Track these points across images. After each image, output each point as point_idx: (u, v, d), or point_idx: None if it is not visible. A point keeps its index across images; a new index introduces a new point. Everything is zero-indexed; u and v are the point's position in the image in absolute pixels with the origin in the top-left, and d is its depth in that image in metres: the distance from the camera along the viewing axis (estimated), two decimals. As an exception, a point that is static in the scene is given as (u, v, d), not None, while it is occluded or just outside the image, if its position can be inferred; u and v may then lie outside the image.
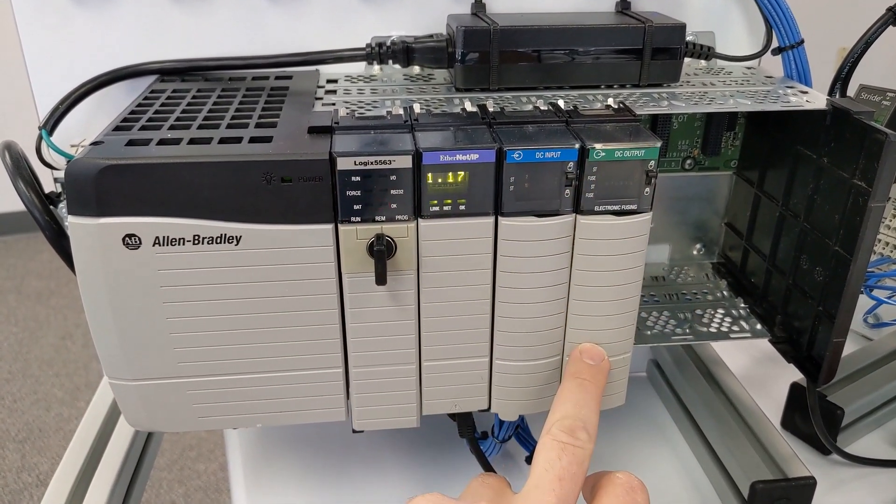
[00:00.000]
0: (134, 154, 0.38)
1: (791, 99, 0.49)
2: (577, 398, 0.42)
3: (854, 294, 0.47)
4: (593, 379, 0.43)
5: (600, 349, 0.45)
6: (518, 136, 0.41)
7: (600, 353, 0.45)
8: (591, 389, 0.43)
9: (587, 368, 0.44)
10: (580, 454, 0.39)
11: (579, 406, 0.41)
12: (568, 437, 0.39)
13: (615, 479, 0.40)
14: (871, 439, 0.64)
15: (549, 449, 0.39)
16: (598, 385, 0.43)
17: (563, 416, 0.40)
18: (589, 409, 0.41)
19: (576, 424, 0.40)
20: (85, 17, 0.52)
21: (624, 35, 0.49)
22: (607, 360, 0.45)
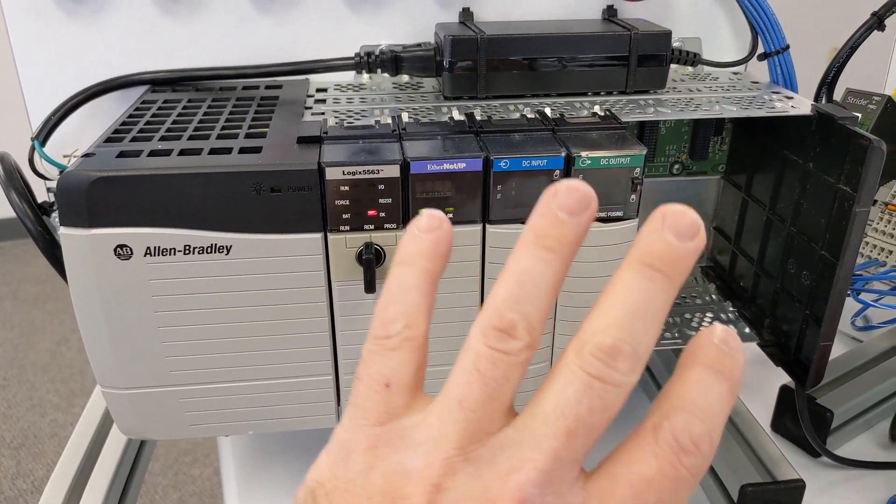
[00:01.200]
0: (125, 166, 0.39)
1: (776, 105, 0.49)
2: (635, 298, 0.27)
3: (840, 298, 0.48)
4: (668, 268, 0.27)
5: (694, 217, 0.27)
6: (505, 145, 0.41)
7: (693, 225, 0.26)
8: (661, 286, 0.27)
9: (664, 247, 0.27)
10: (612, 395, 0.26)
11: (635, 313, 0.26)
12: (602, 365, 0.26)
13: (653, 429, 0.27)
14: (860, 442, 0.65)
15: (570, 381, 0.26)
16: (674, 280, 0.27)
17: (605, 326, 0.26)
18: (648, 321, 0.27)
19: (621, 346, 0.26)
20: (76, 29, 0.52)
21: (610, 42, 0.49)
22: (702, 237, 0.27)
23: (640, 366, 0.26)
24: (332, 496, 0.27)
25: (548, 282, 0.27)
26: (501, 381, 0.27)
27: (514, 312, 0.27)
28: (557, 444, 0.26)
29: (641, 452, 0.27)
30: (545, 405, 0.26)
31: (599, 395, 0.26)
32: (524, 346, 0.27)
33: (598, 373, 0.26)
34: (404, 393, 0.29)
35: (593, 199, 0.28)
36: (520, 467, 0.26)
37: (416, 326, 0.29)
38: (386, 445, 0.27)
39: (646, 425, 0.27)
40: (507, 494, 0.25)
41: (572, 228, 0.28)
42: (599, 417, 0.26)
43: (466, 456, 0.27)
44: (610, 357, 0.26)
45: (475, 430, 0.27)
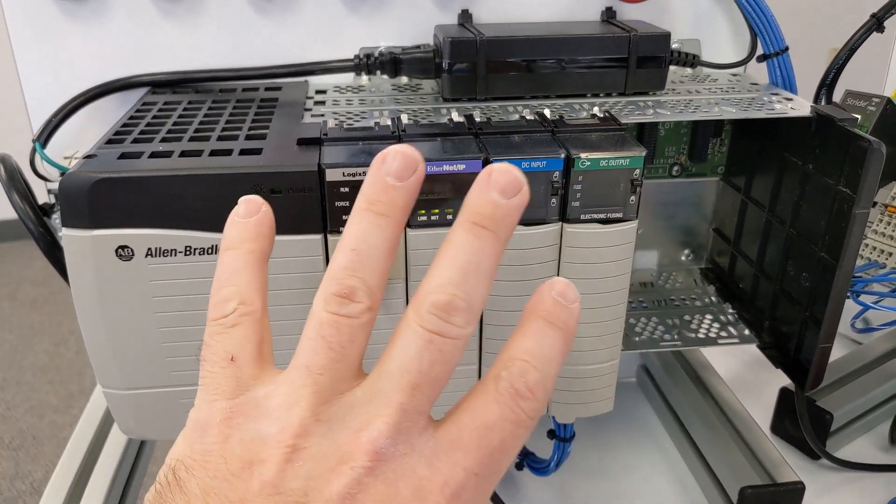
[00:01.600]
0: (126, 167, 0.39)
1: (776, 106, 0.49)
2: (466, 257, 0.29)
3: (840, 300, 0.48)
4: (494, 226, 0.29)
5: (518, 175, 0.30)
6: (504, 146, 0.41)
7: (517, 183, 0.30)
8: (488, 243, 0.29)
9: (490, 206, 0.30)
10: (450, 348, 0.28)
11: (466, 271, 0.29)
12: (439, 321, 0.28)
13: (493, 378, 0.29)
14: (860, 444, 0.65)
15: (411, 339, 0.28)
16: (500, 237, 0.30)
17: (440, 284, 0.28)
18: (478, 277, 0.29)
19: (455, 301, 0.28)
20: (77, 31, 0.52)
21: (609, 44, 0.49)
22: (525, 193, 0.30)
23: (474, 318, 0.29)
24: (193, 469, 0.28)
25: (383, 246, 0.29)
26: (346, 343, 0.28)
27: (353, 278, 0.29)
28: (404, 398, 0.28)
29: (484, 400, 0.29)
30: (390, 363, 0.28)
31: (439, 348, 0.28)
32: (365, 309, 0.29)
33: (437, 328, 0.28)
34: (251, 365, 0.30)
35: (420, 162, 0.30)
36: (370, 423, 0.27)
37: (252, 303, 0.30)
38: (240, 416, 0.28)
39: (488, 375, 0.29)
40: (360, 448, 0.27)
41: (401, 192, 0.30)
42: (441, 369, 0.28)
43: (318, 417, 0.28)
44: (446, 312, 0.28)
45: (325, 392, 0.28)
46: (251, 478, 0.27)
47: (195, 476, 0.27)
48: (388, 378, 0.28)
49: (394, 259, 0.30)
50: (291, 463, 0.27)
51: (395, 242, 0.30)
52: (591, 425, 0.65)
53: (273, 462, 0.27)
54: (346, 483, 0.26)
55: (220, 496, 0.27)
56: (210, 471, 0.27)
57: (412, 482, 0.27)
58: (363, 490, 0.27)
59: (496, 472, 0.29)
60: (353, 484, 0.26)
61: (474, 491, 0.28)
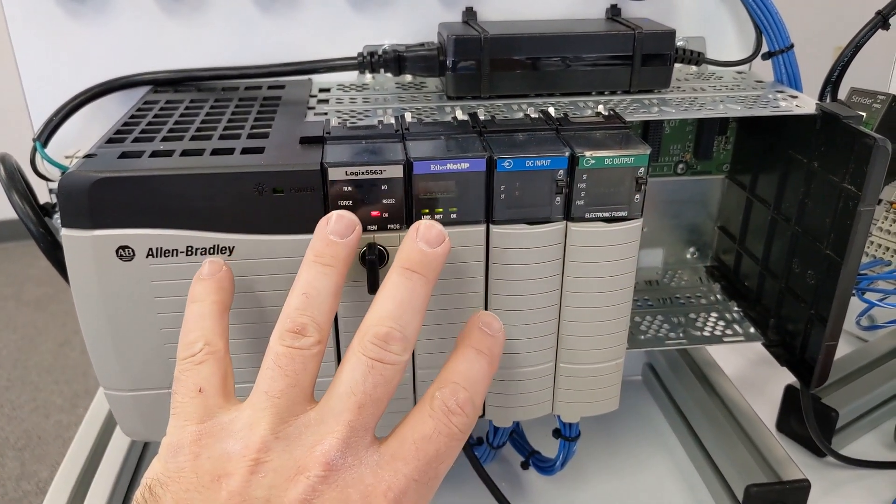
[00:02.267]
0: (127, 167, 0.39)
1: (781, 104, 0.49)
2: (400, 295, 0.35)
3: (845, 297, 0.47)
4: (422, 269, 0.36)
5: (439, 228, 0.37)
6: (508, 145, 0.41)
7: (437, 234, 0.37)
8: (419, 283, 0.35)
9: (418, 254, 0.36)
10: (390, 372, 0.33)
11: (401, 306, 0.34)
12: (379, 350, 0.33)
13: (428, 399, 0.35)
14: (865, 441, 0.65)
15: (355, 365, 0.33)
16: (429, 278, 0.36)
17: (379, 318, 0.34)
18: (411, 311, 0.35)
19: (392, 333, 0.34)
20: (78, 29, 0.52)
21: (614, 42, 0.49)
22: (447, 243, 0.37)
23: (409, 347, 0.34)
24: (167, 485, 0.32)
25: (328, 290, 0.35)
26: (300, 371, 0.33)
27: (304, 316, 0.34)
28: (352, 417, 0.32)
29: (420, 416, 0.34)
30: (339, 387, 0.33)
31: (380, 372, 0.33)
32: (314, 342, 0.34)
33: (377, 356, 0.33)
34: (217, 396, 0.34)
35: (357, 224, 0.37)
36: (323, 439, 0.32)
37: (215, 344, 0.35)
38: (208, 437, 0.33)
39: (426, 395, 0.35)
40: (314, 461, 0.32)
41: (343, 247, 0.36)
42: (383, 391, 0.33)
43: (277, 435, 0.32)
44: (385, 342, 0.33)
45: (283, 413, 0.33)
46: (220, 489, 0.31)
47: (169, 491, 0.32)
48: (337, 399, 0.33)
49: (338, 301, 0.36)
50: (255, 475, 0.31)
51: (339, 287, 0.35)
52: (596, 424, 0.64)
53: (238, 475, 0.31)
54: (302, 490, 0.31)
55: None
56: (183, 485, 0.32)
57: (360, 489, 0.32)
58: (318, 496, 0.31)
59: (434, 479, 0.34)
60: (308, 491, 0.31)
61: (415, 495, 0.33)
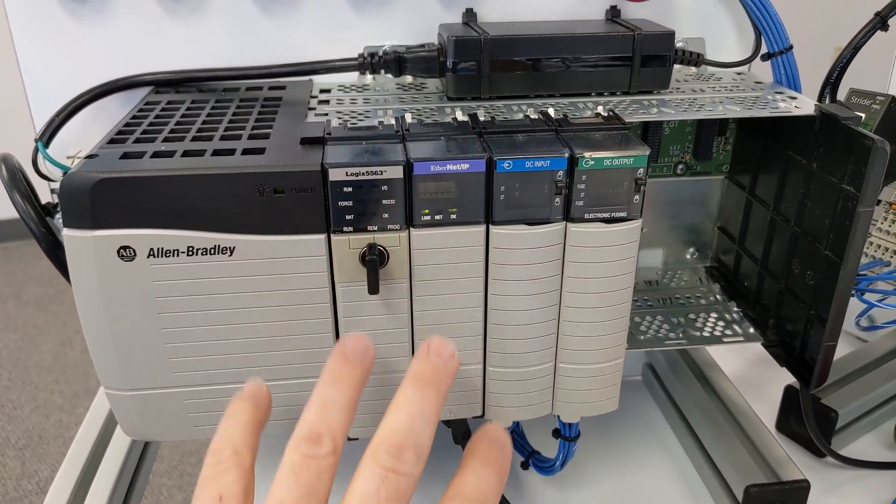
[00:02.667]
0: (128, 167, 0.39)
1: (780, 105, 0.49)
2: (412, 407, 0.35)
3: (844, 298, 0.48)
4: (434, 383, 0.36)
5: (450, 344, 0.38)
6: (508, 146, 0.41)
7: (449, 350, 0.37)
8: (431, 396, 0.36)
9: (431, 368, 0.37)
10: (404, 483, 0.33)
11: (413, 418, 0.35)
12: (393, 459, 0.33)
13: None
14: (865, 442, 0.65)
15: (369, 476, 0.33)
16: (440, 390, 0.36)
17: (392, 429, 0.34)
18: (424, 422, 0.35)
19: (405, 442, 0.34)
20: (80, 30, 0.52)
21: (613, 43, 0.49)
22: (456, 358, 0.38)
23: (422, 457, 0.34)
24: None
25: (344, 404, 0.36)
26: (314, 480, 0.33)
27: (321, 427, 0.34)
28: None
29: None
30: (353, 496, 0.33)
31: (394, 483, 0.33)
32: (330, 451, 0.34)
33: (391, 465, 0.33)
34: None
35: (371, 347, 0.38)
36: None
37: (243, 455, 0.36)
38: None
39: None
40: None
41: (359, 370, 0.37)
42: (396, 502, 0.33)
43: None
44: (399, 451, 0.33)
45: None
46: None
47: None
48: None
49: (352, 419, 0.36)
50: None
51: (354, 403, 0.36)
52: (596, 424, 0.65)
53: None
54: None
55: None
56: None
57: None
58: None
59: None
60: None
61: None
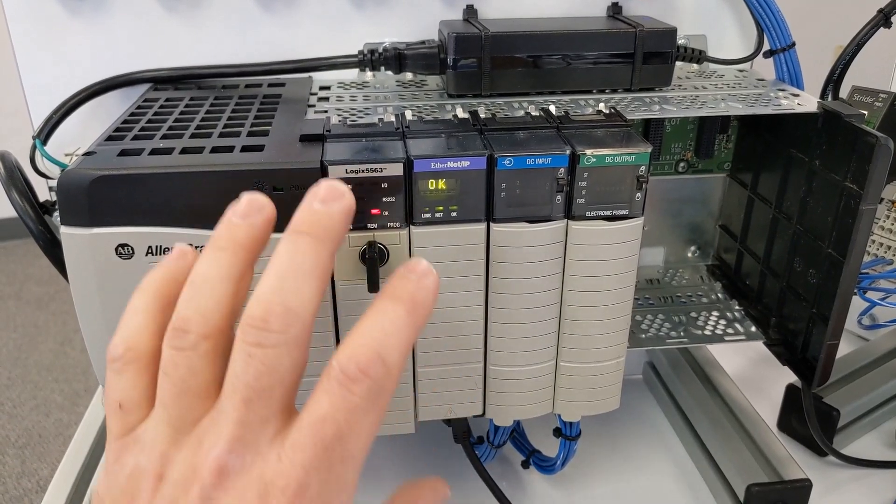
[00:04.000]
0: (126, 164, 0.38)
1: (782, 102, 0.49)
2: (282, 264, 0.29)
3: (847, 296, 0.47)
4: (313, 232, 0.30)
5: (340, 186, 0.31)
6: (509, 143, 0.41)
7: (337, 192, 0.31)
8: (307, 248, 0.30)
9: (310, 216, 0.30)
10: (273, 356, 0.29)
11: (282, 276, 0.29)
12: (256, 332, 0.29)
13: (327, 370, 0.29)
14: (867, 441, 0.64)
15: (235, 359, 0.29)
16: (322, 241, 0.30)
17: (257, 297, 0.29)
18: (298, 279, 0.29)
19: (270, 308, 0.29)
20: (79, 27, 0.52)
21: (615, 40, 0.49)
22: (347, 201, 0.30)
23: (296, 320, 0.29)
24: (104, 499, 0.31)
25: (219, 275, 0.31)
26: (187, 376, 0.30)
27: (188, 309, 0.30)
28: (239, 414, 0.29)
29: (317, 395, 0.29)
30: (226, 383, 0.30)
31: (261, 360, 0.29)
32: (199, 338, 0.30)
33: (255, 339, 0.28)
34: (136, 411, 0.32)
35: (268, 205, 0.31)
36: (215, 442, 0.29)
37: (138, 348, 0.32)
38: (125, 453, 0.31)
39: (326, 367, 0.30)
40: (206, 468, 0.29)
41: (243, 229, 0.31)
42: (269, 379, 0.29)
43: (178, 446, 0.30)
44: (262, 321, 0.28)
45: (178, 423, 0.30)
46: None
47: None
48: (225, 396, 0.30)
49: (239, 288, 0.31)
50: (158, 490, 0.30)
51: (234, 271, 0.31)
52: (597, 423, 0.64)
53: (145, 493, 0.30)
54: (195, 501, 0.29)
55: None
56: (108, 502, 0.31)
57: (258, 488, 0.29)
58: None
59: (341, 462, 0.29)
60: (202, 500, 0.29)
61: (320, 485, 0.29)
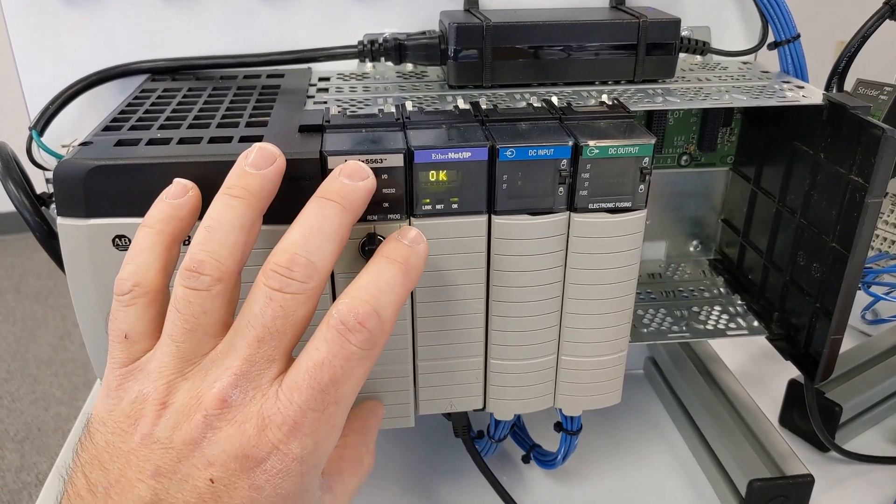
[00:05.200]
0: (123, 154, 0.38)
1: (787, 94, 0.48)
2: (309, 222, 0.33)
3: (851, 291, 0.47)
4: (339, 199, 0.34)
5: (366, 169, 0.36)
6: (511, 134, 0.41)
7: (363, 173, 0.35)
8: (333, 212, 0.34)
9: (337, 185, 0.35)
10: (292, 302, 0.32)
11: (308, 233, 0.33)
12: (279, 278, 0.32)
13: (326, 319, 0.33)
14: (869, 436, 0.64)
15: (255, 299, 0.32)
16: (345, 207, 0.34)
17: (283, 247, 0.33)
18: (321, 238, 0.33)
19: (296, 259, 0.32)
20: (75, 17, 0.52)
21: (618, 31, 0.49)
22: (371, 180, 0.36)
23: (316, 274, 0.32)
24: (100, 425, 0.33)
25: (233, 223, 0.33)
26: (199, 314, 0.32)
27: (203, 252, 0.32)
28: (250, 351, 0.32)
29: (316, 341, 0.32)
30: (240, 320, 0.33)
31: (280, 304, 0.32)
32: (213, 280, 0.32)
33: (277, 284, 0.32)
34: (142, 342, 0.34)
35: (279, 156, 0.35)
36: (221, 375, 0.32)
37: (148, 283, 0.34)
38: (129, 380, 0.33)
39: (325, 316, 0.33)
40: (211, 398, 0.32)
41: (256, 179, 0.34)
42: (283, 323, 0.32)
43: (184, 376, 0.33)
44: (287, 269, 0.32)
45: (187, 355, 0.33)
46: (135, 432, 0.32)
47: (99, 431, 0.33)
48: (237, 333, 0.32)
49: (249, 237, 0.34)
50: (161, 416, 0.32)
51: (246, 220, 0.33)
52: (598, 418, 0.64)
53: (149, 417, 0.32)
54: (199, 427, 0.31)
55: (114, 448, 0.32)
56: (109, 427, 0.33)
57: (256, 422, 0.31)
58: (214, 432, 0.31)
59: (334, 404, 0.32)
60: (203, 427, 0.31)
61: (314, 423, 0.32)
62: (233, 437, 0.31)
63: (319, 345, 0.32)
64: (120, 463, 0.32)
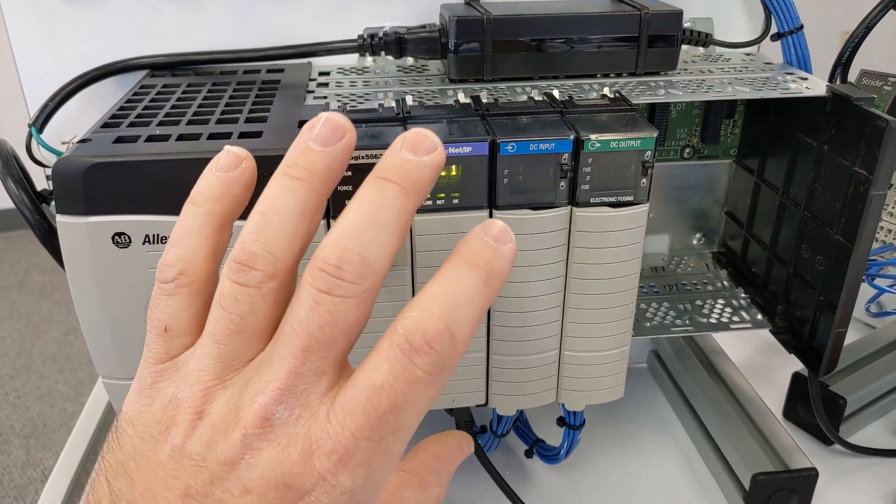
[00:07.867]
0: (122, 151, 0.38)
1: (790, 86, 0.48)
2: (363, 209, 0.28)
3: (855, 283, 0.47)
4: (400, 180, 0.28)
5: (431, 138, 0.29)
6: (512, 128, 0.40)
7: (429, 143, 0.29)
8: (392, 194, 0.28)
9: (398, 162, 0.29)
10: (342, 309, 0.27)
11: (362, 223, 0.28)
12: (328, 278, 0.27)
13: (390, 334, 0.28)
14: (873, 429, 0.64)
15: (300, 301, 0.28)
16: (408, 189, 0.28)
17: (332, 241, 0.27)
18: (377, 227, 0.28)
19: (347, 256, 0.27)
20: (74, 13, 0.52)
21: (620, 22, 0.48)
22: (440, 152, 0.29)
23: (370, 272, 0.27)
24: (130, 425, 0.29)
25: (292, 209, 0.28)
26: (246, 314, 0.28)
27: (256, 244, 0.28)
28: (295, 362, 0.27)
29: (377, 359, 0.27)
30: (285, 325, 0.28)
31: (328, 309, 0.27)
32: (265, 276, 0.28)
33: (325, 286, 0.27)
34: (182, 336, 0.30)
35: (349, 130, 0.29)
36: (264, 388, 0.27)
37: (194, 271, 0.30)
38: (164, 380, 0.30)
39: (390, 327, 0.28)
40: (252, 414, 0.27)
41: (322, 157, 0.29)
42: (332, 331, 0.27)
43: (224, 384, 0.28)
44: (335, 268, 0.27)
45: (229, 360, 0.29)
46: (165, 441, 0.28)
47: (127, 433, 0.29)
48: (282, 339, 0.28)
49: (311, 226, 0.29)
50: (196, 429, 0.28)
51: (308, 207, 0.29)
52: (601, 412, 0.64)
53: (181, 427, 0.28)
54: (236, 447, 0.27)
55: (142, 456, 0.28)
56: (139, 430, 0.29)
57: (302, 446, 0.27)
58: (254, 454, 0.27)
59: (392, 434, 0.28)
60: (243, 448, 0.27)
61: (366, 455, 0.27)
62: (274, 462, 0.27)
63: (380, 364, 0.27)
64: (146, 475, 0.28)
